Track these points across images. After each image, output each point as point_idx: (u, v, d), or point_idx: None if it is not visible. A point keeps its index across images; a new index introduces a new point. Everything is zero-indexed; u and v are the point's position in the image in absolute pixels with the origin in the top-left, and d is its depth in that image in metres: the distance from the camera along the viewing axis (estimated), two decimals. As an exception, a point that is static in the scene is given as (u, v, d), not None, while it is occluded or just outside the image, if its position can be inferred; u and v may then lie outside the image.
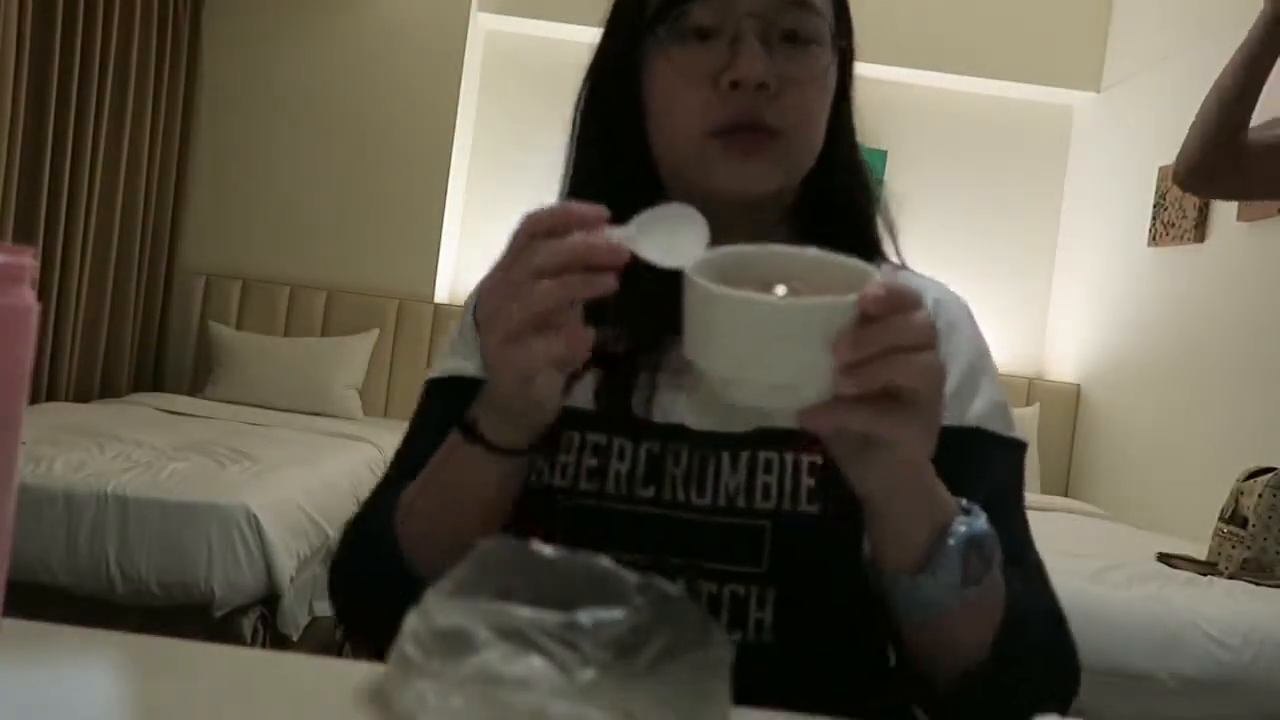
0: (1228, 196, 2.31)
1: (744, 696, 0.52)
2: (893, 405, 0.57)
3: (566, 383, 0.67)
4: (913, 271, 0.94)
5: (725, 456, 0.81)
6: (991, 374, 0.87)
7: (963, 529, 0.66)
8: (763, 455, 0.81)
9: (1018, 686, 0.72)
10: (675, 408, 0.83)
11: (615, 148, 0.88)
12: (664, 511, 0.81)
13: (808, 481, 0.80)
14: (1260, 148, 1.95)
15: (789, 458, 0.81)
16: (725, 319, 0.55)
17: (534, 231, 0.63)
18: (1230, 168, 1.95)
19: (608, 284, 0.61)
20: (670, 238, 0.60)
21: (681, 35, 0.82)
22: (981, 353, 0.88)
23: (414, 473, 0.81)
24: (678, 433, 0.82)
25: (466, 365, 0.89)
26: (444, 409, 0.84)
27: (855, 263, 0.58)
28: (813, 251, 0.59)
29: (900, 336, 0.56)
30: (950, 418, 0.77)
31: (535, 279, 0.61)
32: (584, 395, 0.83)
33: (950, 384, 0.80)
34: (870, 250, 0.90)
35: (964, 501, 0.69)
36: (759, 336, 0.54)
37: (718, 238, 0.60)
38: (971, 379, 0.85)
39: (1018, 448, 0.86)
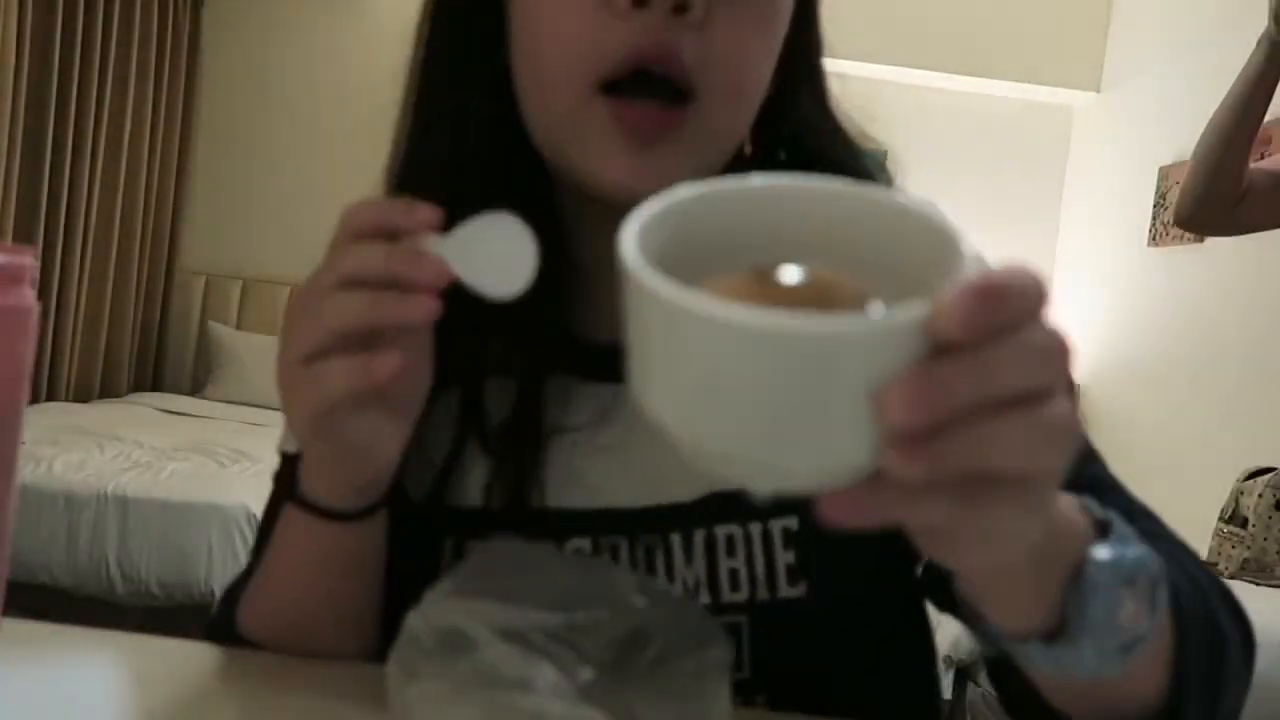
0: (1232, 233, 2.19)
1: None
2: (986, 489, 0.32)
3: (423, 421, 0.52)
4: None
5: (676, 541, 0.61)
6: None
7: (1104, 568, 0.42)
8: (721, 532, 0.61)
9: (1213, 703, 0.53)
10: (598, 480, 0.61)
11: (467, 105, 0.64)
12: None
13: (785, 557, 0.60)
14: (1265, 184, 1.89)
15: (755, 529, 0.60)
16: (692, 348, 0.30)
17: (354, 230, 0.50)
18: (1232, 205, 1.88)
19: (427, 309, 0.46)
20: (505, 255, 0.47)
21: None
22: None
23: None
24: (608, 520, 0.61)
25: None
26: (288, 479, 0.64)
27: (928, 216, 0.36)
28: (841, 188, 0.35)
29: (1005, 378, 0.31)
30: None
31: (340, 289, 0.47)
32: (473, 491, 0.63)
33: None
34: None
35: (1094, 508, 0.44)
36: (752, 384, 0.30)
37: (605, 241, 0.35)
38: None
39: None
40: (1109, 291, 4.40)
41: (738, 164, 0.62)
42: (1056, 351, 0.34)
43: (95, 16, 3.81)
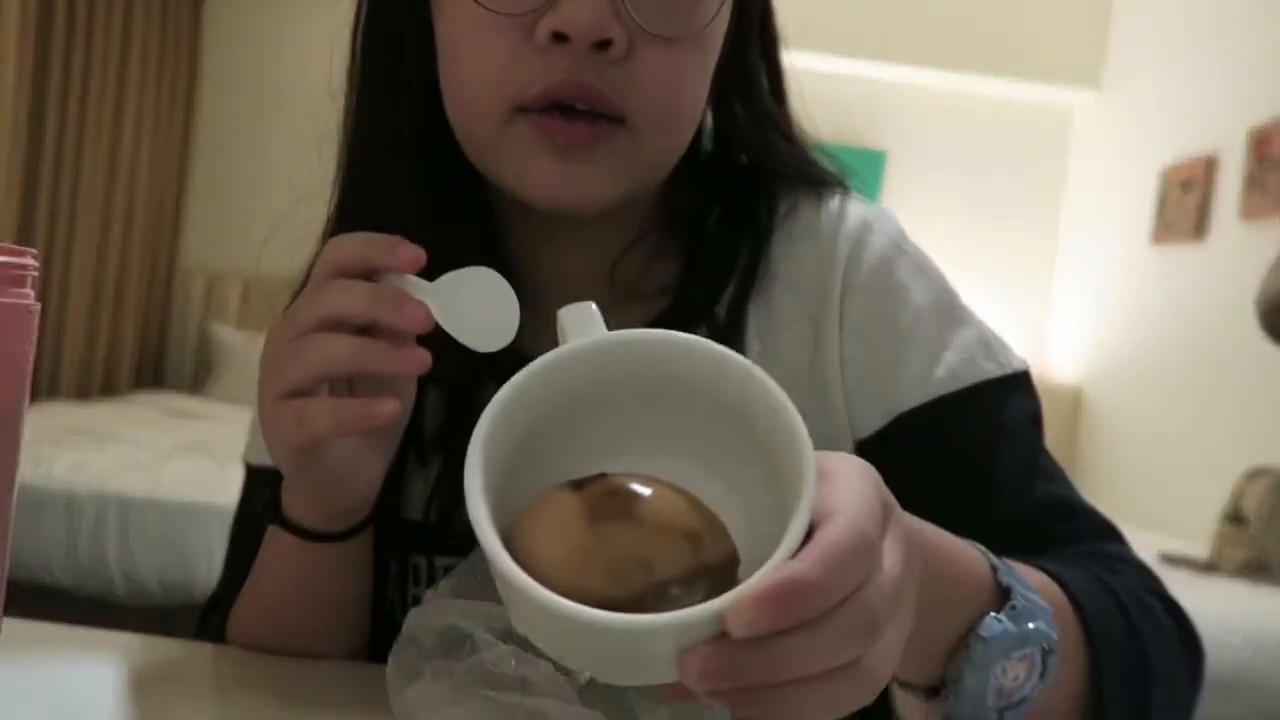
0: None
1: None
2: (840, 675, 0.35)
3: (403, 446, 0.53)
4: (833, 198, 0.67)
5: None
6: (960, 317, 0.65)
7: (989, 644, 0.45)
8: None
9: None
10: None
11: (400, 125, 0.64)
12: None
13: None
14: None
15: None
16: (536, 618, 0.37)
17: (336, 266, 0.49)
18: None
19: (418, 363, 0.46)
20: (489, 308, 0.47)
21: None
22: (933, 285, 0.66)
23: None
24: None
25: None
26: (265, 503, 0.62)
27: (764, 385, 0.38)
28: (679, 342, 0.39)
29: (791, 668, 0.33)
30: (926, 387, 0.61)
31: (322, 328, 0.48)
32: (417, 503, 0.63)
33: (911, 343, 0.62)
34: (757, 216, 0.65)
35: (1003, 574, 0.47)
36: (582, 645, 0.37)
37: (541, 252, 0.44)
38: (935, 327, 0.63)
39: (1018, 381, 0.64)
40: (1109, 291, 4.40)
41: (690, 169, 0.62)
42: (864, 629, 0.34)
43: (95, 16, 3.81)
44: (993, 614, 0.46)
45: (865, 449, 0.62)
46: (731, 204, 0.64)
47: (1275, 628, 2.46)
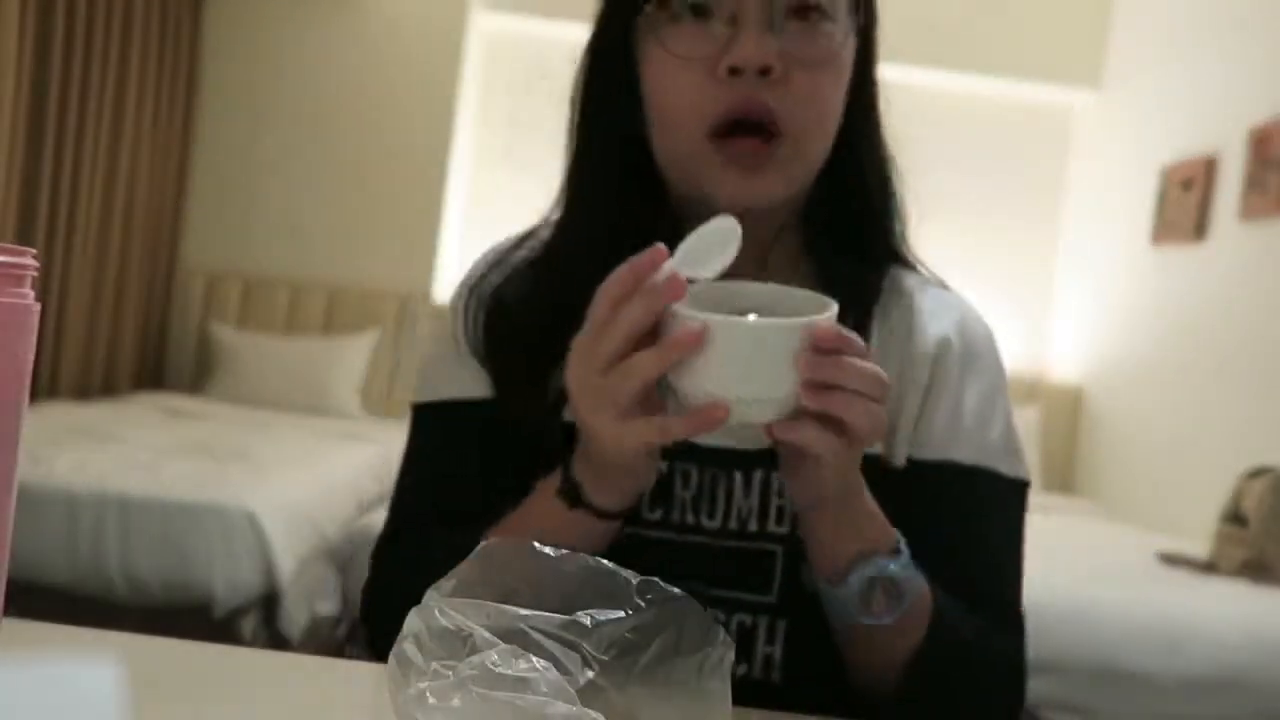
0: None
1: None
2: (835, 431, 0.61)
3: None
4: (943, 285, 0.90)
5: (738, 477, 0.77)
6: (1005, 406, 0.83)
7: (870, 569, 0.68)
8: (776, 476, 0.76)
9: (944, 712, 0.73)
10: None
11: (613, 142, 0.80)
12: (671, 535, 0.77)
13: None
14: None
15: None
16: (719, 340, 0.60)
17: (615, 298, 0.62)
18: None
19: (691, 339, 0.60)
20: (707, 253, 0.64)
21: (674, 14, 0.73)
22: (998, 385, 0.84)
23: (430, 508, 0.80)
24: (686, 451, 0.77)
25: (454, 388, 0.83)
26: (444, 437, 0.83)
27: (815, 295, 0.64)
28: (774, 286, 0.65)
29: (851, 378, 0.60)
30: (965, 452, 0.80)
31: (630, 348, 0.61)
32: None
33: (966, 415, 0.81)
34: (886, 260, 0.86)
35: (898, 541, 0.70)
36: (728, 353, 0.60)
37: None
38: (987, 408, 0.81)
39: (1021, 488, 0.81)
40: (1109, 292, 4.40)
41: (822, 174, 0.80)
42: (878, 378, 0.61)
43: (95, 16, 3.81)
44: (885, 556, 0.68)
45: (888, 470, 0.79)
46: (854, 239, 0.84)
47: (1275, 628, 2.46)
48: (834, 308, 0.61)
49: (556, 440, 0.75)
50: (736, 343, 0.60)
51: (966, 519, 0.78)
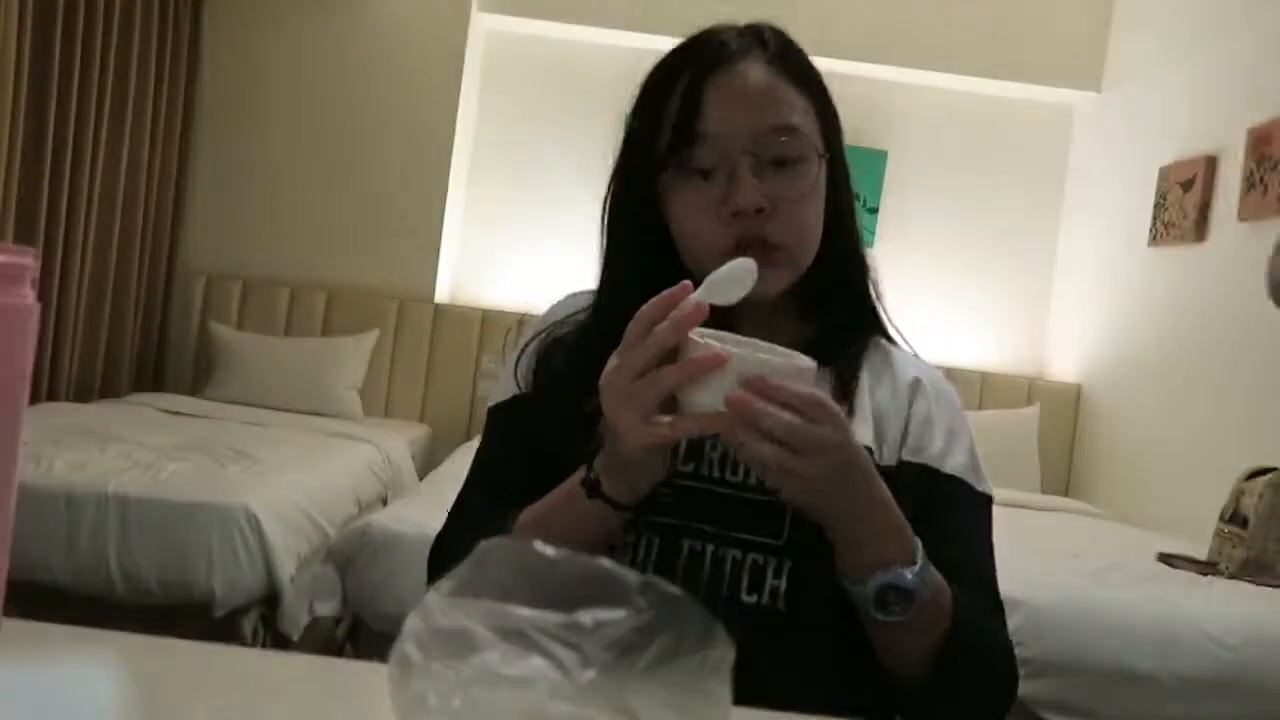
0: None
1: (755, 657, 0.63)
2: (782, 450, 0.76)
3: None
4: (910, 354, 1.08)
5: None
6: (967, 439, 1.02)
7: (883, 578, 0.82)
8: None
9: (962, 695, 0.90)
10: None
11: (644, 248, 1.01)
12: (700, 485, 0.95)
13: None
14: None
15: None
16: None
17: (649, 320, 0.78)
18: None
19: (711, 361, 0.76)
20: (726, 286, 0.82)
21: (687, 175, 0.95)
22: (958, 423, 1.03)
23: (495, 489, 1.00)
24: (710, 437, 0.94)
25: (513, 389, 1.05)
26: (508, 428, 1.05)
27: (797, 353, 0.80)
28: (766, 344, 0.81)
29: (770, 421, 0.75)
30: (935, 462, 0.99)
31: (656, 363, 0.77)
32: None
33: (937, 440, 1.00)
34: (865, 323, 1.06)
35: (917, 552, 0.84)
36: (731, 377, 0.75)
37: (732, 321, 0.85)
38: (951, 439, 1.01)
39: (988, 502, 1.01)
40: (1109, 291, 4.40)
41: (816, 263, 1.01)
42: (801, 438, 0.76)
43: (95, 16, 3.81)
44: (901, 567, 0.83)
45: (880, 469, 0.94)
46: (843, 306, 1.05)
47: (1275, 628, 2.46)
48: (810, 363, 0.79)
49: (584, 456, 0.91)
50: (740, 369, 0.75)
51: (947, 517, 0.95)
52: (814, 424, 0.75)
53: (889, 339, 1.08)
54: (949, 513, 0.96)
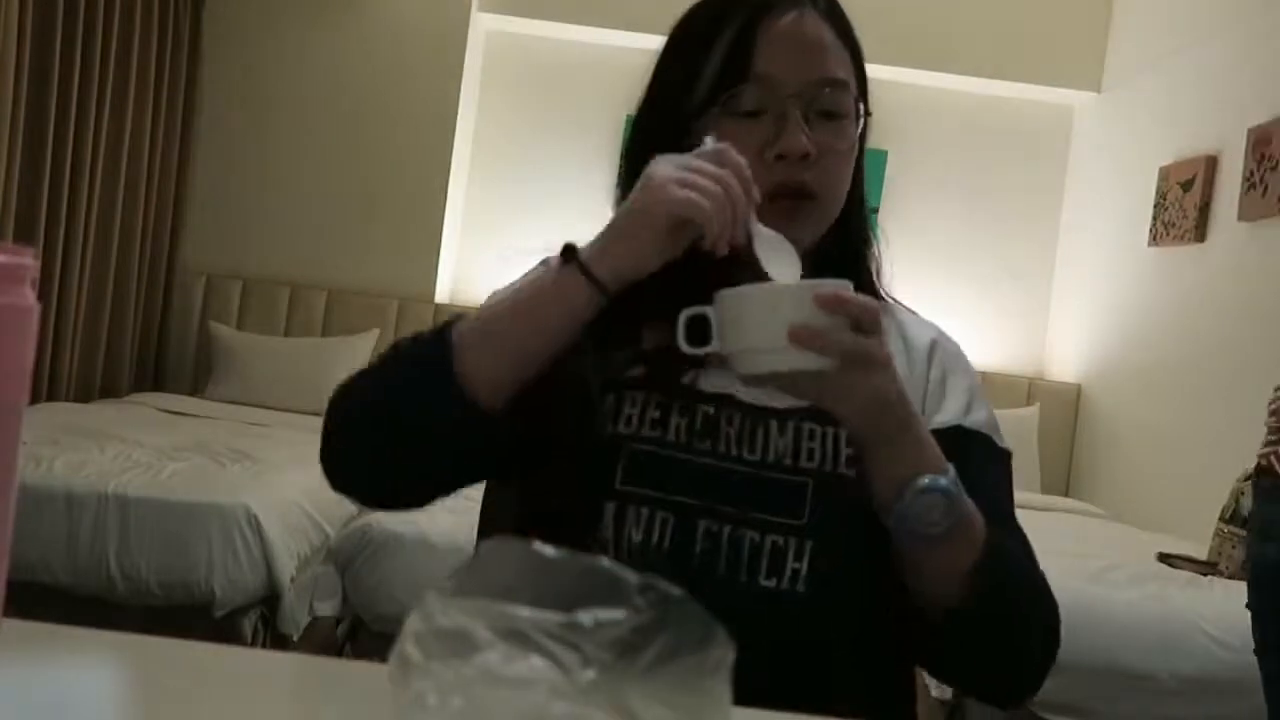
0: None
1: (772, 643, 0.64)
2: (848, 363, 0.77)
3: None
4: (911, 312, 1.08)
5: (774, 422, 0.93)
6: (984, 401, 1.02)
7: (925, 481, 0.81)
8: (807, 425, 0.93)
9: (1001, 622, 0.87)
10: (724, 382, 0.93)
11: None
12: (719, 464, 0.92)
13: (846, 450, 0.92)
14: None
15: (830, 430, 0.93)
16: (731, 308, 0.78)
17: (733, 166, 0.80)
18: None
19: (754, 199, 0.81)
20: (770, 255, 0.84)
21: (732, 114, 0.93)
22: (975, 382, 1.03)
23: None
24: (729, 400, 0.94)
25: None
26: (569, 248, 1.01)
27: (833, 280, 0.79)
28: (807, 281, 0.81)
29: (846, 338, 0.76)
30: (959, 419, 0.98)
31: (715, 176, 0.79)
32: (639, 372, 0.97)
33: (957, 399, 0.99)
34: (869, 287, 1.04)
35: (948, 466, 0.83)
36: (763, 311, 0.76)
37: (739, 281, 0.80)
38: (972, 395, 1.01)
39: (1008, 456, 1.01)
40: (1109, 291, 4.40)
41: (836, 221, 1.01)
42: (868, 349, 0.77)
43: (95, 17, 3.81)
44: (936, 474, 0.82)
45: None
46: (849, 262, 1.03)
47: (1275, 628, 2.46)
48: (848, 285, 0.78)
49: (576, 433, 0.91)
50: (779, 298, 0.77)
51: (976, 468, 0.91)
52: (869, 336, 0.76)
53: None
54: (978, 464, 0.94)
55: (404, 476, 0.89)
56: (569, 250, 0.83)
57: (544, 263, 1.00)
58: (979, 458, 0.95)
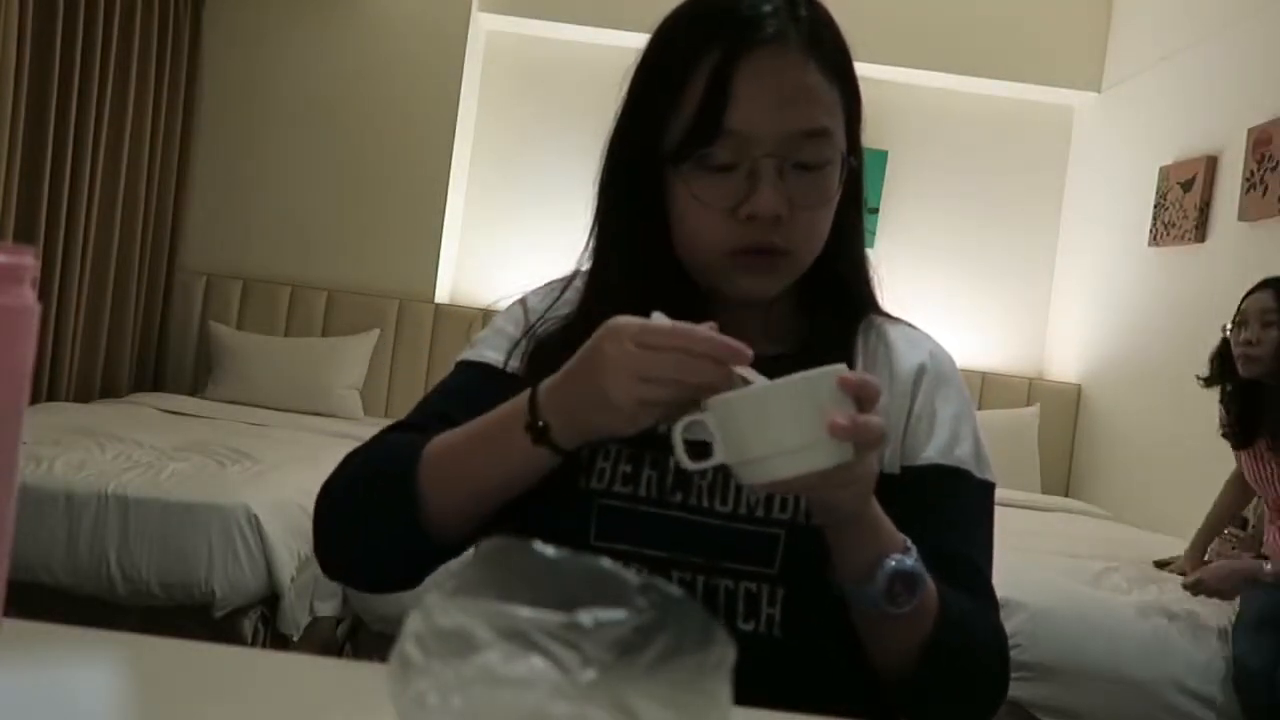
0: None
1: (752, 684, 0.58)
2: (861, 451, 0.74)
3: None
4: (909, 325, 1.05)
5: None
6: (973, 423, 1.00)
7: (892, 564, 0.80)
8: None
9: (953, 689, 0.88)
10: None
11: (638, 238, 0.95)
12: (690, 516, 0.90)
13: None
14: None
15: None
16: (738, 413, 0.72)
17: (694, 353, 0.73)
18: None
19: (740, 355, 0.74)
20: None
21: (704, 168, 0.89)
22: (967, 404, 1.01)
23: (425, 427, 0.91)
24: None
25: (494, 356, 1.00)
26: (467, 384, 0.99)
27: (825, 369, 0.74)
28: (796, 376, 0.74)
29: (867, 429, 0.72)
30: (940, 456, 0.96)
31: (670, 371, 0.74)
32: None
33: (942, 433, 0.97)
34: (865, 310, 1.02)
35: (907, 542, 0.82)
36: (769, 415, 0.71)
37: (725, 318, 0.78)
38: (957, 426, 0.98)
39: (989, 488, 0.99)
40: (1109, 291, 4.40)
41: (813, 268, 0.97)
42: (881, 435, 0.73)
43: (95, 17, 3.81)
44: (900, 554, 0.81)
45: (884, 476, 0.89)
46: (838, 301, 1.00)
47: (1275, 628, 2.46)
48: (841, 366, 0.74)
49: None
50: (784, 398, 0.71)
51: (947, 509, 0.94)
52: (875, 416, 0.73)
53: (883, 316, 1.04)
54: (950, 500, 0.94)
55: (385, 572, 0.92)
56: (540, 430, 0.80)
57: (521, 301, 1.04)
58: (956, 494, 0.95)
